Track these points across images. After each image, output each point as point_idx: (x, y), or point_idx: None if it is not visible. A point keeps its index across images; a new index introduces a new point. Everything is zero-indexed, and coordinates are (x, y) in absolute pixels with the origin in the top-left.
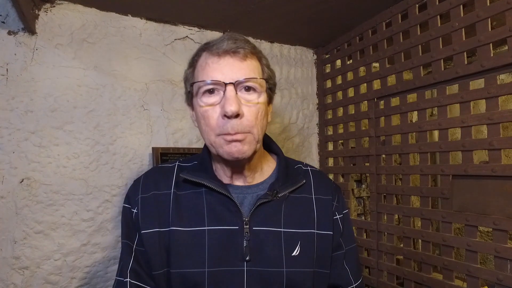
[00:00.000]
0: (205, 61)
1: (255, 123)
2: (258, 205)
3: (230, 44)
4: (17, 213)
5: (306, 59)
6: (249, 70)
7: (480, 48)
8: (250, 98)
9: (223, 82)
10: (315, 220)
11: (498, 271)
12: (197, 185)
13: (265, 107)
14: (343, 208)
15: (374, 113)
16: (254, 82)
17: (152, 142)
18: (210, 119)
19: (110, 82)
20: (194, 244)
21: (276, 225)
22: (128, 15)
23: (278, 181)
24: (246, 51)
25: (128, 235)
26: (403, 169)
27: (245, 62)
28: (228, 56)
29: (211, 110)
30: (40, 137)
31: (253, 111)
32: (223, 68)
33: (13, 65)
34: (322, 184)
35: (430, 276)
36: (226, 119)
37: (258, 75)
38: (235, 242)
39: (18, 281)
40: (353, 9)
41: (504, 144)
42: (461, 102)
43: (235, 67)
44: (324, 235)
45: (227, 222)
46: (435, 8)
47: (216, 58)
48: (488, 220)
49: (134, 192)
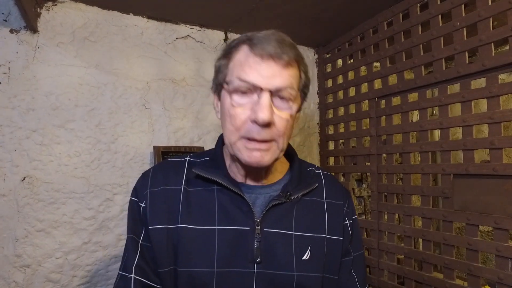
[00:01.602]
0: (245, 58)
1: (283, 132)
2: (270, 207)
3: (276, 48)
4: (19, 211)
5: (307, 58)
6: (289, 79)
7: (481, 47)
8: (283, 108)
9: (261, 87)
10: (326, 224)
11: (499, 270)
12: (209, 182)
13: (295, 116)
14: (353, 214)
15: (375, 112)
16: (291, 93)
17: (154, 140)
18: (237, 120)
19: (111, 81)
20: (204, 243)
21: (287, 227)
22: (130, 14)
23: (291, 183)
24: (290, 57)
25: (134, 230)
26: (404, 168)
27: (286, 70)
28: (271, 61)
29: (240, 111)
30: (42, 135)
31: (284, 121)
32: (263, 72)
33: (15, 63)
34: (333, 188)
35: (430, 275)
36: (255, 125)
37: (296, 84)
38: (246, 243)
39: (19, 279)
40: (354, 8)
41: (505, 144)
42: (462, 101)
43: (276, 74)
44: (334, 240)
45: (239, 222)
46: (436, 8)
47: (258, 59)
48: (489, 219)
49: (142, 186)
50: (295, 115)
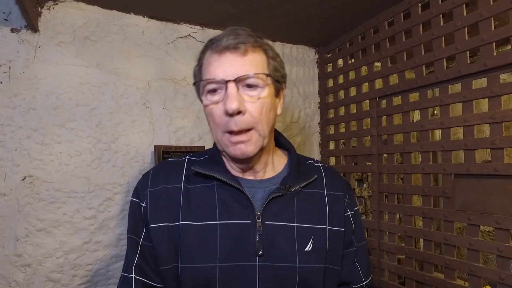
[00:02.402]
0: (207, 59)
1: (259, 118)
2: (270, 199)
3: (230, 40)
4: (19, 210)
5: (308, 58)
6: (250, 65)
7: (483, 47)
8: (252, 94)
9: (224, 79)
10: (327, 215)
11: (500, 270)
12: (208, 179)
13: (270, 101)
14: (354, 205)
15: (376, 112)
16: (256, 78)
17: (154, 140)
18: (215, 117)
19: (112, 80)
20: (205, 238)
21: (289, 219)
22: (131, 13)
23: (290, 175)
24: (247, 45)
25: (134, 230)
26: (405, 168)
27: (246, 58)
28: (228, 53)
29: (216, 108)
30: (42, 134)
31: (256, 106)
32: (223, 65)
33: (15, 63)
34: (334, 180)
35: (431, 275)
36: (229, 116)
37: (261, 69)
38: (248, 237)
39: (20, 279)
40: (355, 8)
41: (506, 143)
42: (464, 101)
43: (235, 64)
44: (336, 231)
45: (239, 216)
46: (437, 7)
47: (216, 56)
48: (490, 219)
49: (143, 186)
50: (271, 100)
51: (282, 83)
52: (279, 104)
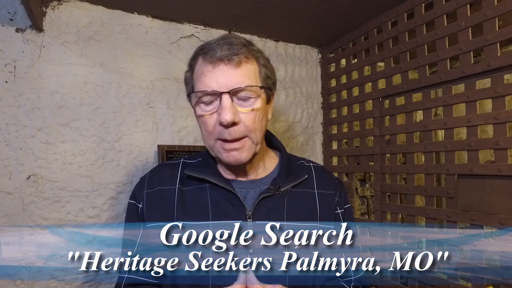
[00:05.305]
0: (200, 68)
1: (252, 127)
2: (261, 199)
3: (224, 51)
4: (24, 209)
5: (311, 58)
6: (244, 77)
7: (487, 47)
8: (246, 105)
9: (218, 91)
10: (318, 214)
11: (503, 271)
12: (202, 181)
13: (263, 109)
14: (345, 203)
15: (379, 112)
16: (249, 90)
17: (158, 139)
18: (208, 126)
19: (116, 80)
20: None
21: (279, 218)
22: (135, 13)
23: (280, 176)
24: (241, 57)
25: (130, 230)
26: (408, 168)
27: (240, 69)
28: (222, 64)
29: (209, 118)
30: (47, 134)
31: (250, 117)
32: (218, 77)
33: (20, 62)
34: (324, 179)
35: (434, 275)
36: (223, 127)
37: (254, 80)
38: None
39: (25, 277)
40: (358, 8)
41: (510, 144)
42: (467, 101)
43: (229, 75)
44: (326, 229)
45: (231, 216)
46: (441, 7)
47: (210, 67)
48: (494, 219)
49: (139, 189)
50: (264, 108)
51: (273, 90)
52: (270, 109)
